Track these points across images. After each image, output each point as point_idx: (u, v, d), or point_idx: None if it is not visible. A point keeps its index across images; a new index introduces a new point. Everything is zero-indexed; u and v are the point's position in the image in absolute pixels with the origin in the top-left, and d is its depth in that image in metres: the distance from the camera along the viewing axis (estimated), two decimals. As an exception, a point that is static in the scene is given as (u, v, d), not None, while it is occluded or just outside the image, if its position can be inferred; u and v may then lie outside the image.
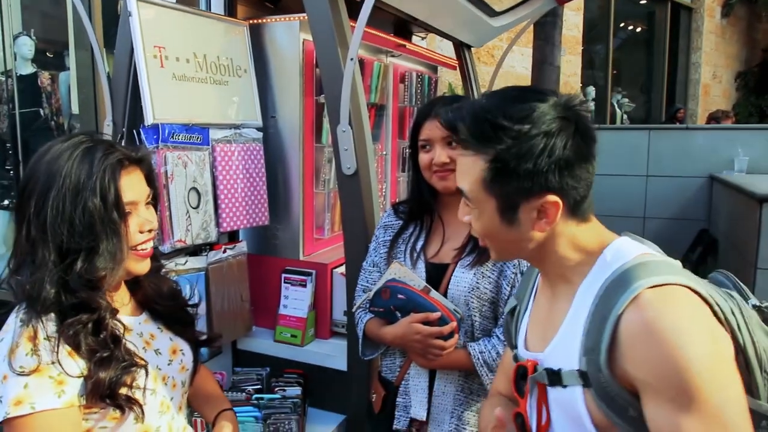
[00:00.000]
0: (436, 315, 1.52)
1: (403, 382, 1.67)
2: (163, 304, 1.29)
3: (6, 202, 4.88)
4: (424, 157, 1.62)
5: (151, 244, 1.20)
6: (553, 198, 0.94)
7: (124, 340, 1.13)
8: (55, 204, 1.06)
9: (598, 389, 0.89)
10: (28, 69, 5.39)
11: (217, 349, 2.26)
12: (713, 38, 11.80)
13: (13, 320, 1.06)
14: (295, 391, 1.99)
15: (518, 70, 8.16)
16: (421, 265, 1.64)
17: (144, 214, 1.18)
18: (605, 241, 0.99)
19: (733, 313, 0.90)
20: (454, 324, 1.52)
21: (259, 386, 2.06)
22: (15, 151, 4.91)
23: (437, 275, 1.61)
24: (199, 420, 1.78)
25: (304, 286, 2.26)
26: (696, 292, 0.87)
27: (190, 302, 1.40)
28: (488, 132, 0.94)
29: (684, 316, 0.83)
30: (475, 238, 1.60)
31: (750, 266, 3.64)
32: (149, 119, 1.85)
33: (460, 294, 1.57)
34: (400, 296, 1.56)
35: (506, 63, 8.19)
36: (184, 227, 1.92)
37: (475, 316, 1.57)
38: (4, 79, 5.44)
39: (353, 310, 1.76)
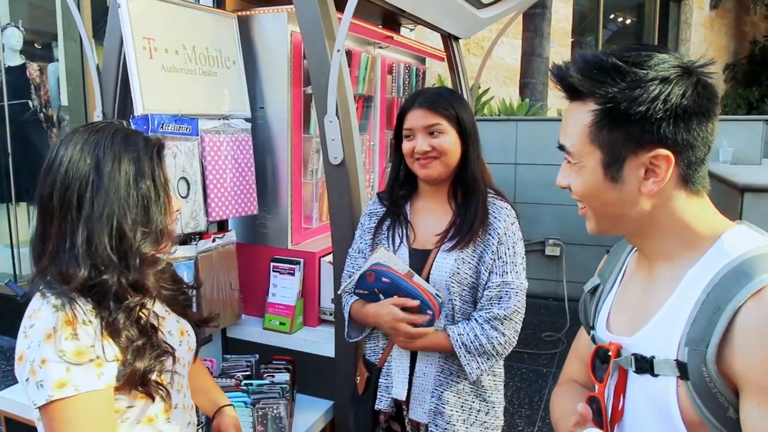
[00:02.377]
0: (415, 303, 1.57)
1: (385, 364, 1.72)
2: (167, 287, 1.31)
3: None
4: (407, 146, 1.68)
5: (176, 224, 1.27)
6: (665, 152, 0.85)
7: (156, 329, 1.17)
8: (108, 191, 1.09)
9: (698, 384, 0.82)
10: (16, 60, 5.36)
11: (207, 336, 2.30)
12: (702, 30, 11.87)
13: (43, 306, 1.07)
14: (284, 377, 2.03)
15: (508, 61, 8.19)
16: (404, 251, 1.69)
17: (173, 198, 1.23)
18: (721, 226, 0.91)
19: None
20: (426, 317, 1.57)
21: (248, 373, 2.10)
22: (3, 142, 4.89)
23: (420, 261, 1.67)
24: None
25: (293, 274, 2.30)
26: None
27: (190, 284, 1.44)
28: (602, 73, 0.87)
29: None
30: (457, 225, 1.67)
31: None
32: (139, 110, 1.88)
33: (442, 278, 1.62)
34: (384, 279, 1.61)
35: (496, 54, 8.23)
36: (173, 216, 1.95)
37: (455, 300, 1.63)
38: (-8, 70, 5.41)
39: (338, 292, 1.81)
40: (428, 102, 1.66)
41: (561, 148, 0.95)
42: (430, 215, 1.74)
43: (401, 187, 1.80)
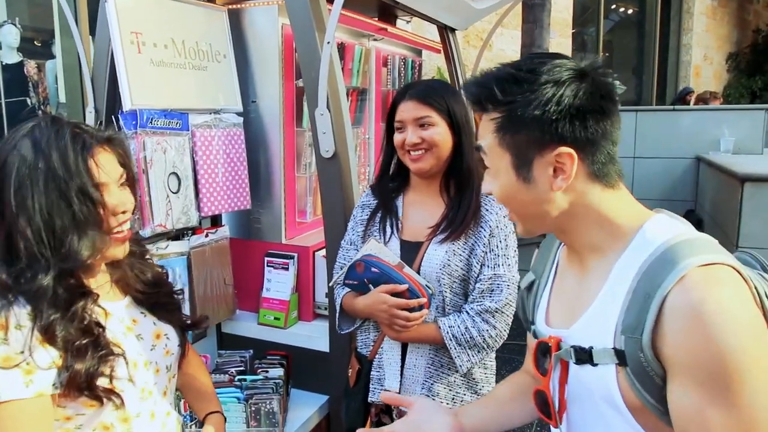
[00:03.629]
0: (404, 287, 1.56)
1: (377, 356, 1.72)
2: (145, 290, 1.27)
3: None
4: (398, 138, 1.67)
5: (127, 226, 1.17)
6: (566, 150, 0.90)
7: (103, 328, 1.11)
8: (32, 192, 1.04)
9: (636, 369, 0.86)
10: (13, 58, 5.35)
11: (201, 332, 2.29)
12: (704, 19, 11.78)
13: None
14: (278, 372, 2.02)
15: (507, 53, 8.14)
16: (395, 243, 1.68)
17: (117, 196, 1.14)
18: (641, 216, 0.95)
19: (766, 295, 0.87)
20: (422, 300, 1.56)
21: (242, 368, 2.09)
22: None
23: (411, 253, 1.66)
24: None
25: (287, 269, 2.28)
26: (739, 273, 0.84)
27: (173, 289, 1.39)
28: (499, 83, 0.93)
29: (731, 300, 0.80)
30: (450, 217, 1.65)
31: (731, 245, 3.68)
32: (127, 105, 1.86)
33: (432, 271, 1.61)
34: (373, 269, 1.61)
35: (496, 46, 8.18)
36: (164, 212, 1.94)
37: (446, 292, 1.62)
38: (-11, 68, 5.41)
39: (330, 284, 1.81)
40: (418, 94, 1.65)
41: (478, 149, 1.02)
42: (422, 208, 1.72)
43: (394, 180, 1.79)
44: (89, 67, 2.25)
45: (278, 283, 2.30)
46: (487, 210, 1.66)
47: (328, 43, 1.93)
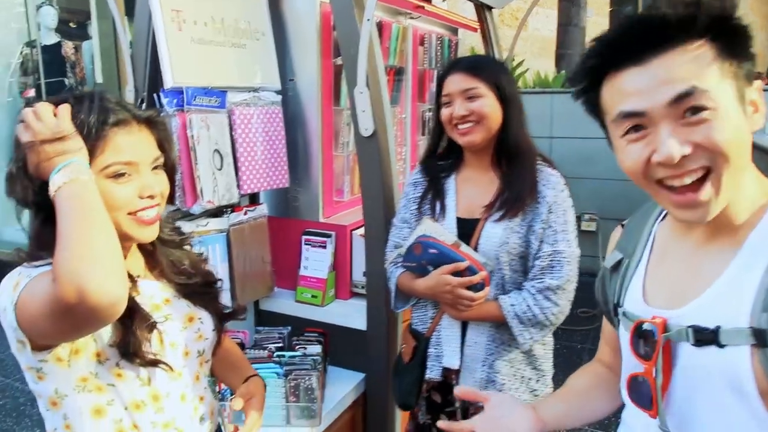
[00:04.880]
0: (464, 264, 1.55)
1: (434, 333, 1.72)
2: (181, 279, 1.25)
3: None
4: (445, 112, 1.66)
5: (154, 211, 1.12)
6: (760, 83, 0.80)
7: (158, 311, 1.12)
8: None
9: None
10: (51, 39, 5.45)
11: (242, 313, 2.31)
12: (748, -3, 11.37)
13: (16, 274, 1.03)
14: (316, 348, 2.04)
15: (543, 32, 7.99)
16: (450, 220, 1.68)
17: (146, 179, 1.10)
18: None
19: None
20: (484, 273, 1.56)
21: (280, 344, 2.11)
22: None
23: (466, 230, 1.65)
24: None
25: (324, 247, 2.29)
26: None
27: (212, 277, 1.35)
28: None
29: None
30: (504, 194, 1.62)
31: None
32: (168, 83, 1.87)
33: (490, 248, 1.61)
34: (431, 251, 1.60)
35: (531, 25, 8.04)
36: (211, 188, 1.96)
37: (505, 269, 1.61)
38: (29, 50, 5.51)
39: (385, 265, 1.81)
40: (466, 66, 1.65)
41: (683, 96, 0.80)
42: (475, 184, 1.71)
43: (446, 157, 1.78)
44: (128, 47, 2.26)
45: (315, 262, 2.31)
46: (544, 185, 1.64)
47: (368, 20, 1.91)
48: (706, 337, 0.84)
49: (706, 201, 0.82)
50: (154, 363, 1.10)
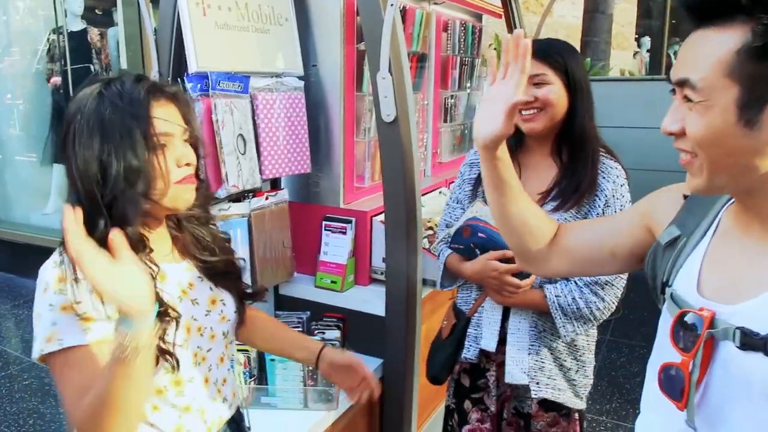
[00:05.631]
0: (512, 253, 1.55)
1: (476, 314, 1.72)
2: (205, 256, 1.27)
3: (62, 155, 5.06)
4: None
5: (192, 177, 1.16)
6: None
7: (156, 285, 1.11)
8: (99, 138, 1.05)
9: None
10: (78, 25, 5.50)
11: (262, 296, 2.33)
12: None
13: (49, 260, 1.07)
14: (334, 333, 2.05)
15: (568, 19, 7.88)
16: None
17: (180, 149, 1.14)
18: None
19: None
20: None
21: (300, 329, 2.12)
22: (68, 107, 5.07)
23: None
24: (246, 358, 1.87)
25: (344, 233, 2.30)
26: None
27: (234, 257, 1.38)
28: None
29: None
30: (562, 185, 1.60)
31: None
32: (193, 67, 1.89)
33: None
34: (480, 235, 1.61)
35: (556, 12, 7.92)
36: (236, 173, 1.97)
37: None
38: (55, 36, 5.58)
39: (435, 245, 1.82)
40: (535, 51, 1.60)
41: (680, 84, 0.82)
42: (533, 170, 1.69)
43: (508, 138, 1.77)
44: (153, 33, 2.28)
45: (335, 247, 2.32)
46: (603, 177, 1.60)
47: (392, 5, 1.90)
48: (755, 342, 0.79)
49: (694, 180, 0.86)
50: (165, 353, 1.10)
